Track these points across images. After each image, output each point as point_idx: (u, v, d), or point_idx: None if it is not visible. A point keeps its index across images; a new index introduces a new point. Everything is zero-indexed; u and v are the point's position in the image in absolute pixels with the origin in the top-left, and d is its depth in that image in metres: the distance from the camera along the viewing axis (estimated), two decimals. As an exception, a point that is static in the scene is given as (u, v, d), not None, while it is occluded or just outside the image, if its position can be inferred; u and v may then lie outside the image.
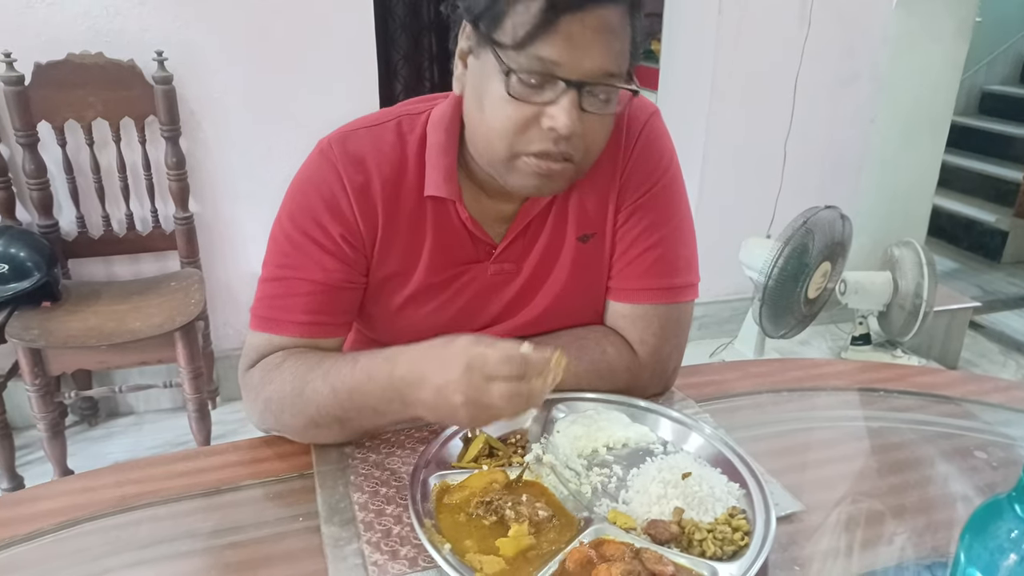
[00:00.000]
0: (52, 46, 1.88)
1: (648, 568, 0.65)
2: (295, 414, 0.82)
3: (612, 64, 0.74)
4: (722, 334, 2.89)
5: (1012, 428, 0.93)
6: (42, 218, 1.97)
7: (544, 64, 0.72)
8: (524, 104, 0.74)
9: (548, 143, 0.76)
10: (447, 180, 0.86)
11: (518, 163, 0.78)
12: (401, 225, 0.88)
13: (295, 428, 0.84)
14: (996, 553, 0.45)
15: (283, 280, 0.86)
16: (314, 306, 0.86)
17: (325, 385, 0.79)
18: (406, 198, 0.88)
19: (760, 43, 2.58)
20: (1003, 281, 3.64)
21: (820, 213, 2.14)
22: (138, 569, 0.69)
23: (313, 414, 0.80)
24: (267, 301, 0.87)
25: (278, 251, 0.88)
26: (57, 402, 1.86)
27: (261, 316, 0.87)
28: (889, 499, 0.79)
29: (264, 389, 0.83)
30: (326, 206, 0.85)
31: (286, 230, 0.87)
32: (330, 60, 2.15)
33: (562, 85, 0.73)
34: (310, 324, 0.86)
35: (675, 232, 0.93)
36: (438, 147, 0.86)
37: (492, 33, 0.73)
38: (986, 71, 4.66)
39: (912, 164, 2.96)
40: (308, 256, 0.86)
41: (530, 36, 0.71)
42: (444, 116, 0.86)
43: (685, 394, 0.97)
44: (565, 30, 0.71)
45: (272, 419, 0.85)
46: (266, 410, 0.84)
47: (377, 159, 0.86)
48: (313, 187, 0.86)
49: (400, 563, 0.67)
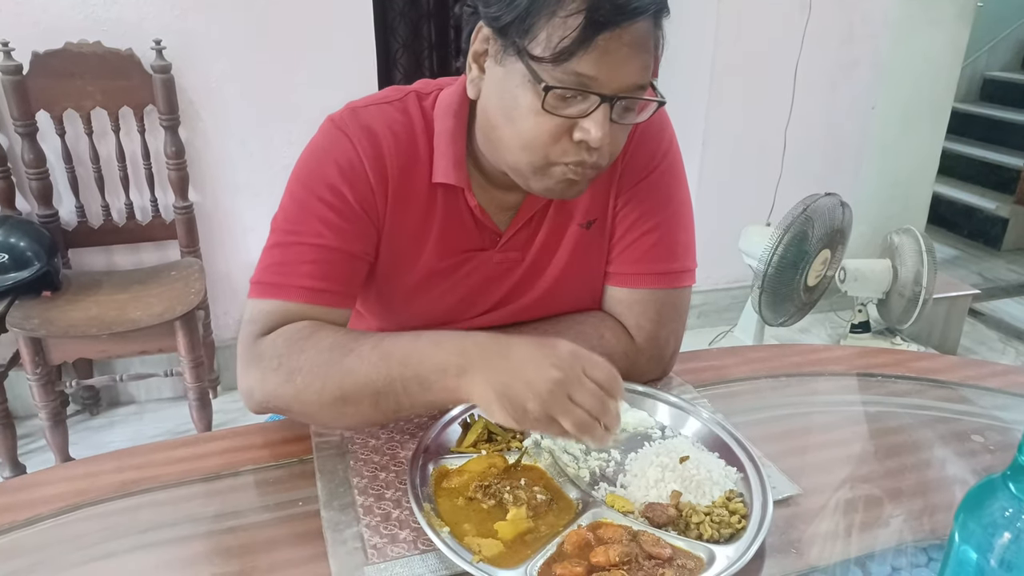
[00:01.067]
0: (50, 35, 1.87)
1: (646, 551, 0.66)
2: (325, 384, 0.76)
3: (642, 77, 0.75)
4: (721, 322, 2.90)
5: (1009, 412, 0.94)
6: (42, 208, 1.97)
7: (580, 79, 0.72)
8: (556, 117, 0.74)
9: (580, 153, 0.76)
10: (456, 167, 0.85)
11: (551, 170, 0.78)
12: (411, 207, 0.88)
13: (319, 402, 0.77)
14: (990, 531, 0.45)
15: (293, 245, 0.84)
16: (325, 272, 0.83)
17: (374, 352, 0.75)
18: (417, 180, 0.87)
19: (760, 29, 2.57)
20: (1003, 268, 3.64)
21: (820, 200, 2.14)
22: (138, 553, 0.69)
23: (348, 386, 0.75)
24: (275, 267, 0.84)
25: (288, 217, 0.85)
26: (58, 391, 1.86)
27: (268, 282, 0.84)
28: (886, 482, 0.79)
29: (292, 358, 0.78)
30: (341, 172, 0.84)
31: (297, 196, 0.85)
32: (329, 49, 2.14)
33: (596, 99, 0.73)
34: (321, 291, 0.83)
35: (674, 217, 0.93)
36: (447, 134, 0.85)
37: (525, 44, 0.72)
38: (987, 57, 4.64)
39: (912, 151, 2.95)
40: (321, 220, 0.83)
41: (567, 52, 0.70)
42: (452, 103, 0.86)
43: (683, 379, 0.97)
44: (603, 46, 0.70)
45: (291, 391, 0.77)
46: (288, 381, 0.77)
47: (389, 136, 0.85)
48: (327, 155, 0.85)
49: (399, 546, 0.68)
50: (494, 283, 0.94)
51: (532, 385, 0.67)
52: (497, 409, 0.69)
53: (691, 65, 2.56)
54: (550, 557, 0.66)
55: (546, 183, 0.80)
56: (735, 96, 2.63)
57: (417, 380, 0.73)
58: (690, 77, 2.57)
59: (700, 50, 2.55)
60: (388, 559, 0.66)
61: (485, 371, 0.70)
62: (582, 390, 0.67)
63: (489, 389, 0.69)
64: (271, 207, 0.89)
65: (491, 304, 0.95)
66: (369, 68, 2.21)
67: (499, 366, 0.70)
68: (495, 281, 0.93)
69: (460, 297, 0.93)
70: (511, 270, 0.93)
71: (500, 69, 0.76)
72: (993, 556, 0.45)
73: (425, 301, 0.92)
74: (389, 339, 0.76)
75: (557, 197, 0.84)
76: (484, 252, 0.91)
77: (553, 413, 0.67)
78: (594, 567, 0.64)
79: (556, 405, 0.67)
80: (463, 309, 0.94)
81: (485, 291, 0.94)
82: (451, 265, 0.91)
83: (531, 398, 0.67)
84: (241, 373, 0.82)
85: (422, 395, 0.74)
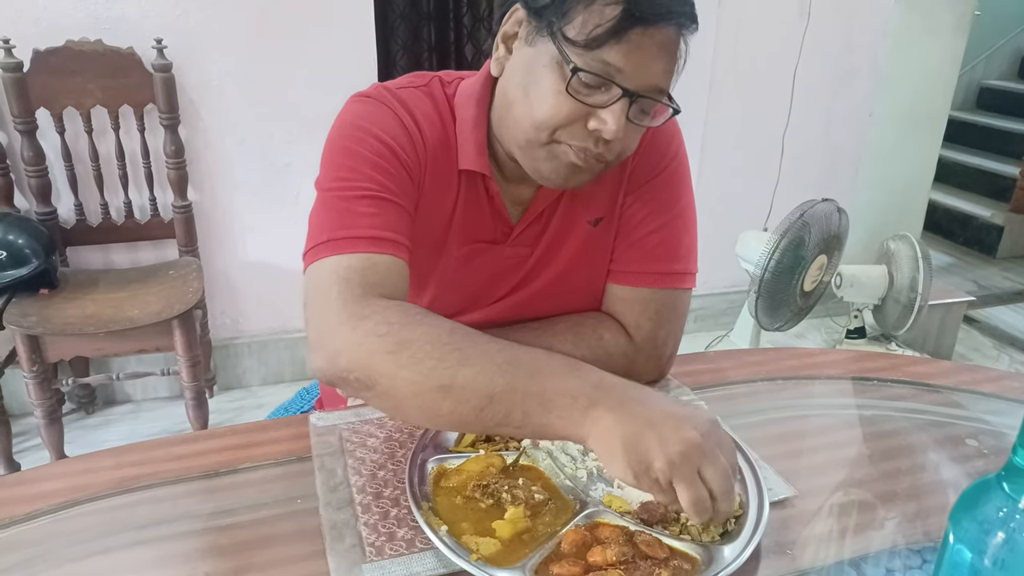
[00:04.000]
0: (51, 32, 1.87)
1: (642, 551, 0.66)
2: (437, 367, 0.67)
3: (664, 81, 0.76)
4: (718, 327, 2.90)
5: (1003, 417, 0.94)
6: (40, 205, 1.97)
7: (607, 68, 0.73)
8: (576, 102, 0.75)
9: (589, 141, 0.77)
10: (479, 154, 0.86)
11: (556, 148, 0.78)
12: (440, 190, 0.87)
13: (418, 385, 0.68)
14: (985, 531, 0.46)
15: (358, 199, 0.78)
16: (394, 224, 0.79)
17: (502, 354, 0.69)
18: (447, 165, 0.87)
19: (760, 36, 2.58)
20: (998, 276, 3.66)
21: (817, 206, 2.15)
22: (136, 549, 0.69)
23: (462, 378, 0.67)
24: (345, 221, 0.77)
25: (339, 175, 0.80)
26: (54, 389, 1.86)
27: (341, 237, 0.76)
28: (881, 485, 0.80)
29: (406, 328, 0.70)
30: (393, 129, 0.82)
31: (349, 150, 0.80)
32: (329, 50, 2.14)
33: (618, 92, 0.74)
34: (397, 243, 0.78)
35: (678, 219, 0.94)
36: (470, 121, 0.86)
37: (561, 25, 0.73)
38: (984, 66, 4.67)
39: (909, 158, 2.97)
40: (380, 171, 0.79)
41: (600, 40, 0.71)
42: (474, 92, 0.86)
43: (681, 381, 0.97)
44: (635, 40, 0.72)
45: (392, 364, 0.68)
46: (393, 352, 0.68)
47: (422, 118, 0.85)
48: (373, 118, 0.82)
49: (397, 545, 0.68)
50: (503, 277, 0.94)
51: (666, 444, 0.62)
52: (619, 458, 0.63)
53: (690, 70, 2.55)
54: (547, 556, 0.66)
55: (551, 164, 0.80)
56: (734, 102, 2.64)
57: (540, 398, 0.66)
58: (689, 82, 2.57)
59: (699, 55, 2.56)
60: (386, 557, 0.67)
61: (618, 413, 0.64)
62: (715, 465, 0.62)
63: (617, 434, 0.63)
64: (270, 207, 0.89)
65: (496, 297, 0.96)
66: (369, 69, 2.21)
67: (635, 412, 0.64)
68: (504, 275, 0.94)
69: (473, 289, 0.94)
70: (520, 265, 0.94)
71: (529, 49, 0.77)
72: (987, 556, 0.46)
73: (441, 290, 0.93)
74: (518, 348, 0.70)
75: (561, 184, 0.82)
76: (497, 245, 0.92)
77: (677, 479, 0.62)
78: (591, 567, 0.65)
79: (684, 473, 0.62)
80: (473, 301, 0.94)
81: (494, 284, 0.94)
82: (466, 254, 0.91)
83: (660, 457, 0.62)
84: (329, 332, 0.72)
85: (538, 416, 0.66)
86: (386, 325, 0.70)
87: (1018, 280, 3.61)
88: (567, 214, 0.93)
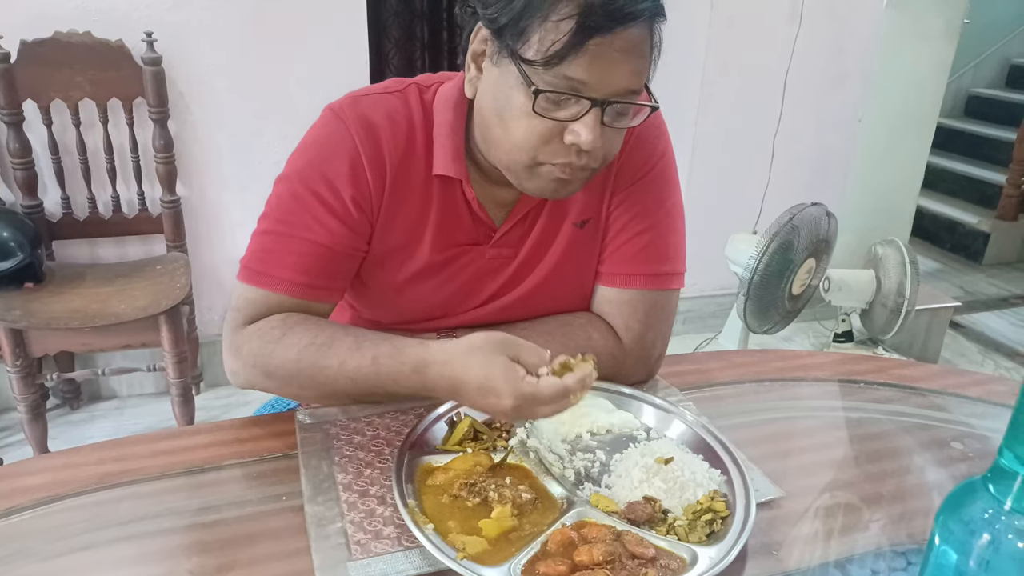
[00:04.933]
0: (39, 23, 1.85)
1: (629, 550, 0.66)
2: (304, 387, 0.84)
3: (635, 82, 0.75)
4: (706, 329, 2.91)
5: (989, 420, 0.95)
6: (26, 198, 1.95)
7: (571, 83, 0.72)
8: (547, 120, 0.75)
9: (571, 156, 0.77)
10: (455, 160, 0.86)
11: (540, 170, 0.79)
12: (408, 198, 0.88)
13: (302, 397, 0.87)
14: (970, 533, 0.46)
15: (282, 236, 0.85)
16: (312, 268, 0.85)
17: (341, 375, 0.80)
18: (415, 172, 0.87)
19: (751, 38, 2.59)
20: (984, 282, 3.69)
21: (806, 210, 2.16)
22: (119, 546, 0.69)
23: (327, 392, 0.83)
24: (262, 255, 0.85)
25: (281, 206, 0.86)
26: (38, 384, 1.84)
27: (254, 269, 0.85)
28: (867, 487, 0.80)
29: (264, 360, 0.82)
30: (339, 166, 0.84)
31: (293, 186, 0.85)
32: (321, 46, 2.13)
33: (587, 103, 0.73)
34: (305, 285, 0.85)
35: (666, 220, 0.94)
36: (446, 126, 0.86)
37: (517, 47, 0.73)
38: (972, 74, 4.71)
39: (898, 164, 2.99)
40: (313, 216, 0.84)
41: (559, 56, 0.71)
42: (452, 96, 0.86)
43: (669, 382, 0.97)
44: (594, 51, 0.71)
45: (273, 385, 0.85)
46: (267, 377, 0.84)
47: (389, 127, 0.85)
48: (326, 147, 0.85)
49: (383, 542, 0.68)
50: (486, 279, 0.94)
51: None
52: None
53: (681, 73, 2.57)
54: (534, 555, 0.66)
55: (537, 183, 0.81)
56: (724, 104, 2.65)
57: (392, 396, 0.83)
58: (680, 84, 2.59)
59: (691, 58, 2.57)
60: (372, 555, 0.66)
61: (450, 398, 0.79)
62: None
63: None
64: (260, 203, 0.88)
65: (482, 300, 0.95)
66: (361, 66, 2.20)
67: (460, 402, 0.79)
68: (487, 277, 0.94)
69: (452, 292, 0.93)
70: (503, 266, 0.93)
71: (496, 70, 0.77)
72: (972, 557, 0.46)
73: (418, 294, 0.92)
74: (351, 363, 0.80)
75: (550, 197, 0.84)
76: (478, 247, 0.92)
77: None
78: (577, 566, 0.64)
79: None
80: (455, 304, 0.94)
81: (477, 286, 0.94)
82: (446, 259, 0.91)
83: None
84: (225, 357, 0.87)
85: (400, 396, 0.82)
86: (252, 357, 0.83)
87: (1004, 287, 3.64)
88: (552, 216, 0.92)
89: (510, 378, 0.70)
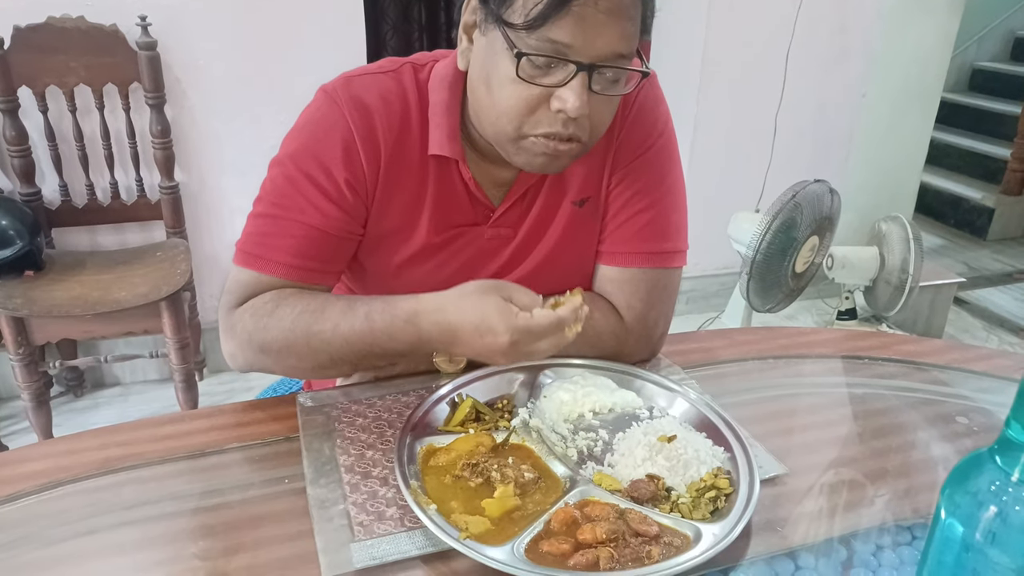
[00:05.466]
0: (32, 8, 1.83)
1: (632, 528, 0.66)
2: (301, 358, 0.82)
3: (623, 46, 0.73)
4: (709, 308, 2.91)
5: (994, 395, 0.94)
6: (24, 186, 1.94)
7: (555, 47, 0.71)
8: (533, 86, 0.73)
9: (557, 124, 0.76)
10: (451, 139, 0.85)
11: (525, 143, 0.78)
12: (403, 179, 0.87)
13: (299, 369, 0.86)
14: (977, 505, 0.46)
15: (277, 219, 0.85)
16: (307, 250, 0.84)
17: (336, 337, 0.80)
18: (410, 152, 0.86)
19: (753, 16, 2.56)
20: (988, 258, 3.67)
21: (809, 187, 2.14)
22: (122, 530, 0.69)
23: (323, 360, 0.82)
24: (257, 238, 0.85)
25: (274, 189, 0.86)
26: (41, 372, 1.84)
27: (249, 252, 0.85)
28: (871, 463, 0.80)
29: (258, 335, 0.82)
30: (333, 149, 0.83)
31: (286, 169, 0.85)
32: (318, 29, 2.11)
33: (572, 67, 0.72)
34: (300, 268, 0.85)
35: (667, 197, 0.93)
36: (442, 105, 0.85)
37: (501, 12, 0.72)
38: (976, 48, 4.65)
39: (901, 140, 2.96)
40: (307, 199, 0.84)
41: (542, 17, 0.69)
42: (447, 75, 0.85)
43: (672, 361, 0.97)
44: (578, 12, 0.69)
45: (270, 361, 0.84)
46: (262, 353, 0.83)
47: (383, 108, 0.85)
48: (319, 129, 0.84)
49: (386, 524, 0.68)
50: (485, 259, 0.93)
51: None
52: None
53: (682, 50, 2.55)
54: (537, 534, 0.66)
55: (525, 156, 0.80)
56: (726, 82, 2.63)
57: (390, 354, 0.82)
58: (681, 62, 2.56)
59: (691, 35, 2.54)
60: (375, 536, 0.66)
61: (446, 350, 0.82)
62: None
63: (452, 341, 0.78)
64: (258, 187, 0.88)
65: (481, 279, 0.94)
66: (359, 49, 2.18)
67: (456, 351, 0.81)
68: (486, 257, 0.93)
69: (451, 273, 0.92)
70: (502, 246, 0.93)
71: (484, 39, 0.76)
72: (978, 530, 0.45)
73: (416, 276, 0.92)
74: (344, 324, 0.80)
75: (539, 171, 0.83)
76: (476, 227, 0.91)
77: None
78: (581, 544, 0.64)
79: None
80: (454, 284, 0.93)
81: (475, 267, 0.93)
82: (444, 240, 0.90)
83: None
84: (222, 341, 0.87)
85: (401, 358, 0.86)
86: (246, 333, 0.83)
87: (1008, 262, 3.62)
88: (551, 195, 0.92)
89: (505, 314, 0.72)
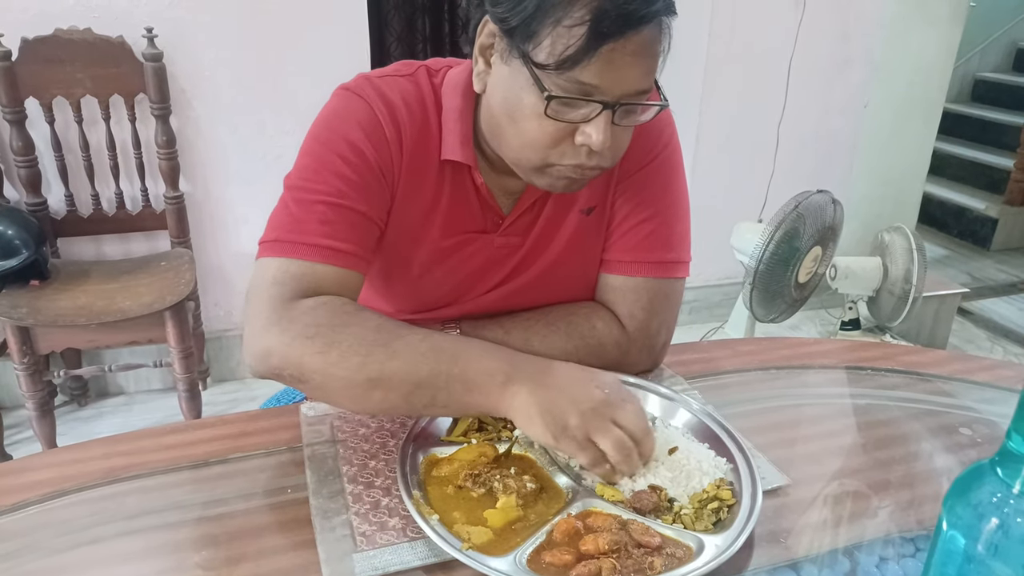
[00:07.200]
0: (39, 21, 1.85)
1: (635, 539, 0.66)
2: (365, 362, 0.73)
3: (646, 83, 0.75)
4: (712, 319, 2.90)
5: (997, 406, 0.94)
6: (30, 196, 1.95)
7: (583, 88, 0.72)
8: (559, 122, 0.74)
9: (581, 156, 0.77)
10: (463, 145, 0.85)
11: (549, 171, 0.79)
12: (422, 181, 0.87)
13: (348, 380, 0.73)
14: (978, 517, 0.46)
15: (313, 203, 0.80)
16: (344, 232, 0.80)
17: (424, 343, 0.75)
18: (429, 155, 0.86)
19: (755, 25, 2.57)
20: (992, 268, 3.66)
21: (812, 197, 2.14)
22: (126, 540, 0.69)
23: (390, 369, 0.73)
24: (292, 224, 0.80)
25: (304, 175, 0.82)
26: (46, 381, 1.85)
27: (285, 240, 0.79)
28: (875, 474, 0.80)
29: (334, 330, 0.74)
30: (363, 130, 0.82)
31: (315, 153, 0.82)
32: (323, 40, 2.13)
33: (598, 105, 0.73)
34: (340, 252, 0.79)
35: (670, 207, 0.94)
36: (455, 111, 0.85)
37: (527, 48, 0.72)
38: (979, 58, 4.66)
39: (904, 150, 2.97)
40: (341, 178, 0.81)
41: (571, 61, 0.70)
42: (460, 82, 0.86)
43: (674, 371, 0.97)
44: (606, 56, 0.70)
45: (321, 362, 0.73)
46: (321, 352, 0.73)
47: (404, 108, 0.85)
48: (347, 115, 0.83)
49: (388, 534, 0.68)
50: (494, 267, 0.93)
51: (576, 403, 0.72)
52: (538, 423, 0.71)
53: (685, 61, 2.56)
54: (539, 545, 0.66)
55: (546, 180, 0.81)
56: (729, 92, 2.64)
57: (463, 380, 0.73)
58: (684, 73, 2.57)
59: (694, 46, 2.55)
60: (377, 546, 0.66)
61: (531, 384, 0.73)
62: (625, 411, 0.73)
63: (533, 401, 0.72)
64: (263, 198, 0.88)
65: (487, 288, 0.95)
66: (363, 60, 2.20)
67: (545, 382, 0.73)
68: (495, 265, 0.93)
69: (460, 279, 0.93)
70: (511, 254, 0.93)
71: (505, 68, 0.76)
72: (981, 542, 0.45)
73: (427, 281, 0.92)
74: (439, 335, 0.77)
75: (560, 192, 0.84)
76: (486, 235, 0.91)
77: (593, 432, 0.71)
78: (583, 555, 0.64)
79: (598, 424, 0.71)
80: (462, 291, 0.94)
81: (484, 274, 0.94)
82: (454, 245, 0.91)
83: (574, 415, 0.71)
84: (259, 333, 0.76)
85: (462, 395, 0.74)
86: (314, 327, 0.75)
87: (1012, 272, 3.62)
88: (559, 203, 0.92)
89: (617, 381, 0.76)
